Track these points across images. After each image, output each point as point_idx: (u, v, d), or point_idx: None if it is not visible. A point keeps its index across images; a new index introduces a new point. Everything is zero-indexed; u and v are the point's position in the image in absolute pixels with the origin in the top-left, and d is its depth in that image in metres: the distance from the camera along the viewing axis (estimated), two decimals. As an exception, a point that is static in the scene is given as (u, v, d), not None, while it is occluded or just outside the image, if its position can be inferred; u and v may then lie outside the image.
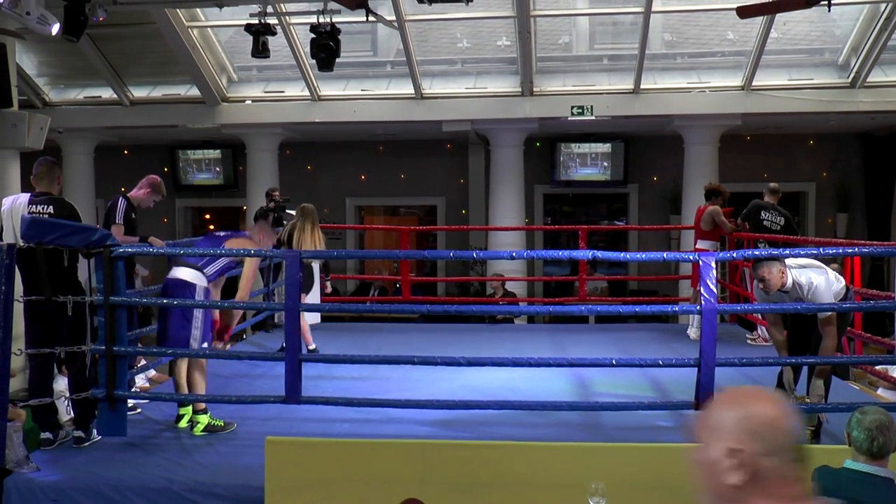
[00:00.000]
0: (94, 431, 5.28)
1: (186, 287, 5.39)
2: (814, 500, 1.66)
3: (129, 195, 6.40)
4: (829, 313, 5.07)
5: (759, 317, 8.18)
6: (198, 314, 5.41)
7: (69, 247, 5.12)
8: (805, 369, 5.51)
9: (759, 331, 8.46)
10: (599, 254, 5.69)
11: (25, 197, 5.43)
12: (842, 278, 5.38)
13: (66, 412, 6.95)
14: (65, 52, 11.50)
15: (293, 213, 9.67)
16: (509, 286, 11.80)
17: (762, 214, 8.60)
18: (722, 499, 1.60)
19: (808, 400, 5.07)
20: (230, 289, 5.94)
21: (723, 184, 9.77)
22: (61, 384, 7.38)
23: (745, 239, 8.77)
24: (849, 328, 7.07)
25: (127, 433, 5.26)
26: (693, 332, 8.61)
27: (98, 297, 5.14)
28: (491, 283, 12.01)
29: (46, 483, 4.62)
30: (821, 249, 5.63)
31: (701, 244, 8.88)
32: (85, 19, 7.91)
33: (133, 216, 6.28)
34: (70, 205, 5.46)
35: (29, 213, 5.22)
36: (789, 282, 5.08)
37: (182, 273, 5.43)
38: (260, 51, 9.61)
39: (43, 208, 5.31)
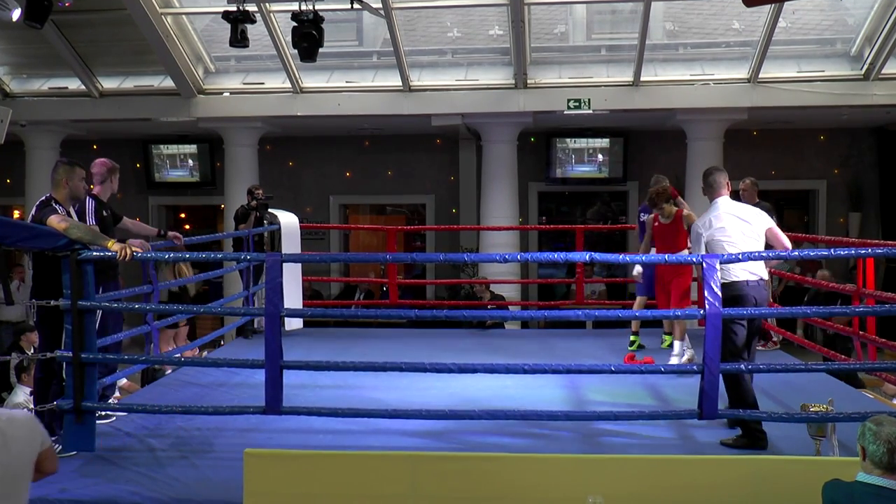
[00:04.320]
0: (58, 447, 5.25)
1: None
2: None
3: (94, 193, 6.39)
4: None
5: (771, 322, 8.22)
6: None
7: (32, 249, 5.20)
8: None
9: (776, 338, 8.52)
10: (597, 256, 5.71)
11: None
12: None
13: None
14: (28, 39, 11.43)
15: (276, 212, 9.67)
16: (500, 289, 11.79)
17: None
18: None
19: (827, 408, 5.06)
20: None
21: (729, 181, 9.73)
22: (20, 396, 7.34)
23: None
24: (861, 332, 7.10)
25: (95, 448, 5.23)
26: (676, 361, 7.66)
27: (65, 302, 5.14)
28: (477, 287, 12.01)
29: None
30: (831, 251, 5.65)
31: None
32: (49, 4, 7.88)
33: (105, 214, 6.26)
34: (40, 208, 5.47)
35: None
36: None
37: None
38: (238, 40, 9.59)
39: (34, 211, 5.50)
